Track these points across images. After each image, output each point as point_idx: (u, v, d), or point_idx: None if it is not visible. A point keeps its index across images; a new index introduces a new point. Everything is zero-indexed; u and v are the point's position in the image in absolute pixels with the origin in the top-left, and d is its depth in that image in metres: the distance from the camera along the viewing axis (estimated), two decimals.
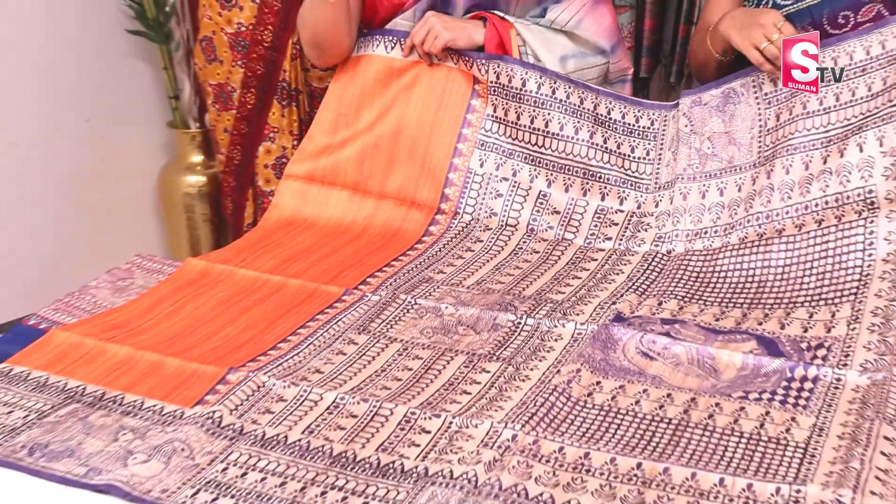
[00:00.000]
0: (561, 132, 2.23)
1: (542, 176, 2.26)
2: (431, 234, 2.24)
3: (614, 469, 1.45)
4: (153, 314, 1.89)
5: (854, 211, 1.93)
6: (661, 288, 1.99)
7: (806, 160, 2.01)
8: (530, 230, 2.22)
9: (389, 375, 1.72)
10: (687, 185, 2.16)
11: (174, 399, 1.63)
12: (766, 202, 2.03)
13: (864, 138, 1.95)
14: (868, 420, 1.52)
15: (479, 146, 2.29)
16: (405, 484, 1.43)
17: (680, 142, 2.18)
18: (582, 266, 2.10)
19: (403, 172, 2.32)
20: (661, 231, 2.15)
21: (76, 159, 2.94)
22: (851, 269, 1.88)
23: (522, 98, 2.23)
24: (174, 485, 1.43)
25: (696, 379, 1.68)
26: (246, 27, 2.77)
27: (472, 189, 2.28)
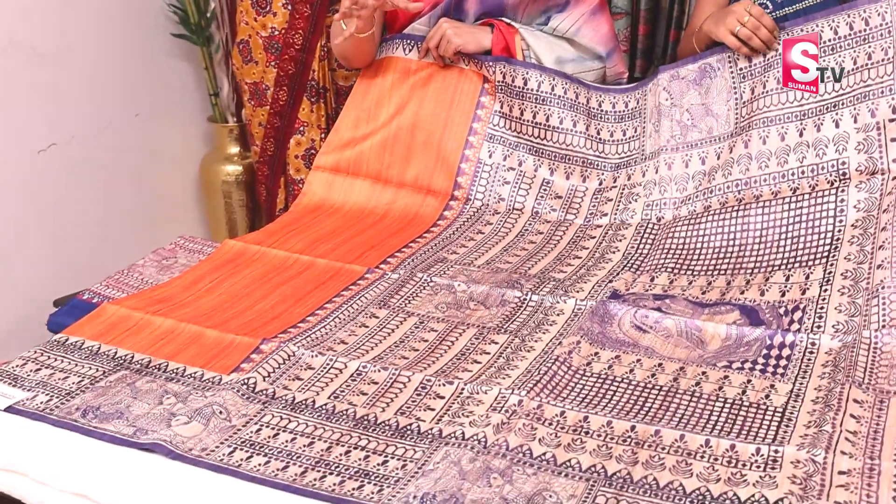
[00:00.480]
0: (560, 125, 2.22)
1: (545, 165, 2.24)
2: (446, 217, 2.23)
3: (610, 431, 1.44)
4: (194, 290, 1.89)
5: (827, 181, 1.91)
6: (652, 262, 1.97)
7: (782, 132, 1.99)
8: (535, 213, 2.21)
9: (407, 346, 1.71)
10: (671, 155, 2.14)
11: (213, 367, 1.62)
12: (744, 170, 2.01)
13: (840, 115, 1.93)
14: (839, 384, 1.51)
15: (488, 139, 2.28)
16: (421, 444, 1.43)
17: (661, 114, 2.16)
18: (581, 245, 2.09)
19: (420, 163, 2.30)
20: (650, 199, 2.13)
21: (125, 151, 2.93)
22: (823, 233, 1.87)
23: (525, 95, 2.22)
24: (213, 444, 1.43)
25: (685, 350, 1.67)
26: (279, 31, 2.76)
27: (482, 178, 2.27)
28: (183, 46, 3.06)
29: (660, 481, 1.33)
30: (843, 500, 1.26)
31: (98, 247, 2.82)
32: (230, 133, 3.10)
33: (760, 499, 1.27)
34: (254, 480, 1.36)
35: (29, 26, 2.56)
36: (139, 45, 2.95)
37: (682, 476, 1.34)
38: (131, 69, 2.92)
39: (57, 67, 2.65)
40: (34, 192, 2.64)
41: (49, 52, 2.62)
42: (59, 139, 2.70)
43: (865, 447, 1.36)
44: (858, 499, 1.26)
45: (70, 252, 2.74)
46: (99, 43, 2.79)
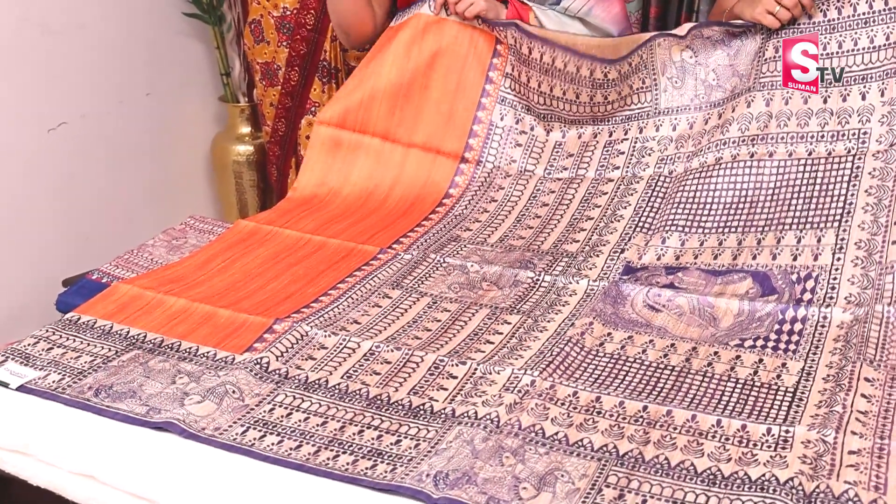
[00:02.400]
0: (564, 96, 2.21)
1: (557, 129, 2.25)
2: (457, 185, 2.23)
3: (623, 411, 1.46)
4: (207, 269, 1.90)
5: (845, 148, 1.91)
6: (663, 218, 1.97)
7: (805, 95, 1.98)
8: (546, 175, 2.21)
9: (420, 326, 1.72)
10: (694, 115, 2.12)
11: (226, 346, 1.64)
12: (762, 127, 1.99)
13: (867, 88, 1.93)
14: (850, 362, 1.52)
15: (500, 101, 2.28)
16: (434, 424, 1.44)
17: (686, 72, 2.13)
18: (594, 203, 2.09)
19: (431, 123, 2.29)
20: (664, 154, 2.12)
21: (136, 130, 2.95)
22: (836, 196, 1.86)
23: (530, 64, 2.22)
24: (226, 423, 1.44)
25: (698, 329, 1.68)
26: (291, 11, 2.76)
27: (494, 140, 2.26)
28: (195, 26, 3.07)
29: (671, 461, 1.34)
30: (852, 480, 1.27)
31: (108, 226, 2.84)
32: (241, 113, 3.12)
33: (771, 478, 1.29)
34: (267, 460, 1.38)
35: (42, 3, 2.57)
36: (151, 24, 2.96)
37: (693, 456, 1.35)
38: (143, 48, 2.94)
39: (68, 45, 2.67)
40: (44, 171, 2.66)
41: (60, 30, 2.63)
42: (69, 118, 2.71)
43: (876, 427, 1.37)
44: (868, 479, 1.27)
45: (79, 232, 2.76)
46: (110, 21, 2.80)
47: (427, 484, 1.29)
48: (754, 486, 1.28)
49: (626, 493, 1.29)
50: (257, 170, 3.12)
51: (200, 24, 3.05)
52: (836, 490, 1.26)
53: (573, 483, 1.30)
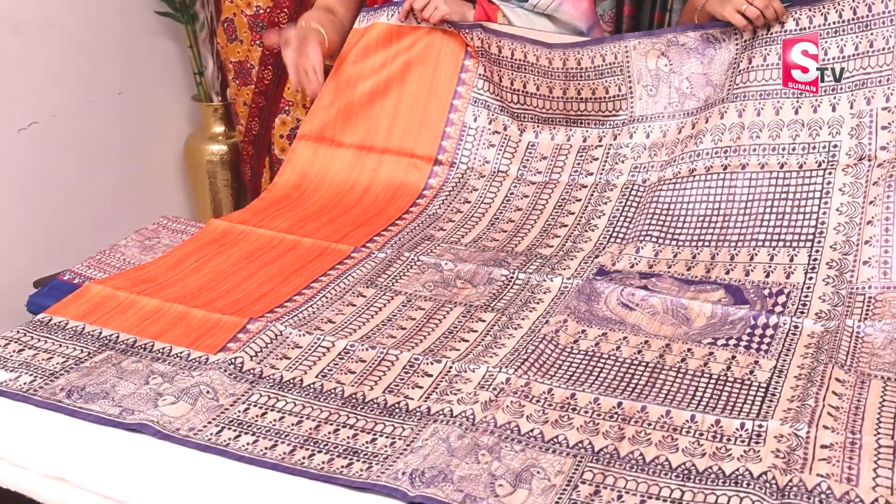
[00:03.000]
0: (538, 91, 2.21)
1: (530, 129, 2.24)
2: (431, 187, 2.23)
3: (597, 408, 1.46)
4: (180, 269, 1.89)
5: (816, 161, 1.93)
6: (637, 229, 1.99)
7: (777, 106, 2.00)
8: (520, 176, 2.21)
9: (395, 325, 1.72)
10: (667, 122, 2.14)
11: (199, 346, 1.63)
12: (735, 138, 2.01)
13: (837, 99, 1.94)
14: (822, 363, 1.54)
15: (473, 102, 2.28)
16: (410, 422, 1.44)
17: (660, 80, 2.15)
18: (567, 209, 2.10)
19: (404, 128, 2.29)
20: (638, 162, 2.13)
21: (108, 130, 2.93)
22: (808, 213, 1.89)
23: (501, 62, 2.22)
24: (200, 423, 1.44)
25: (671, 327, 1.69)
26: (264, 10, 2.76)
27: (467, 141, 2.26)
28: (167, 24, 3.06)
29: (646, 456, 1.35)
30: (825, 473, 1.28)
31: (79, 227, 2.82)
32: (215, 112, 3.11)
33: (745, 473, 1.29)
34: (242, 460, 1.37)
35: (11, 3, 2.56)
36: (123, 23, 2.94)
37: (667, 451, 1.36)
38: (114, 47, 2.92)
39: (38, 44, 2.65)
40: (15, 171, 2.64)
41: (31, 30, 2.62)
42: (40, 117, 2.69)
43: (847, 422, 1.39)
44: (840, 472, 1.29)
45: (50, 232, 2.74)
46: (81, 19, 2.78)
47: (403, 482, 1.29)
48: (728, 481, 1.29)
49: (602, 489, 1.29)
50: (231, 169, 3.11)
51: (173, 23, 3.04)
52: (808, 483, 1.27)
53: (549, 479, 1.31)
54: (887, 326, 1.63)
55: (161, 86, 3.13)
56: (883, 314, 1.67)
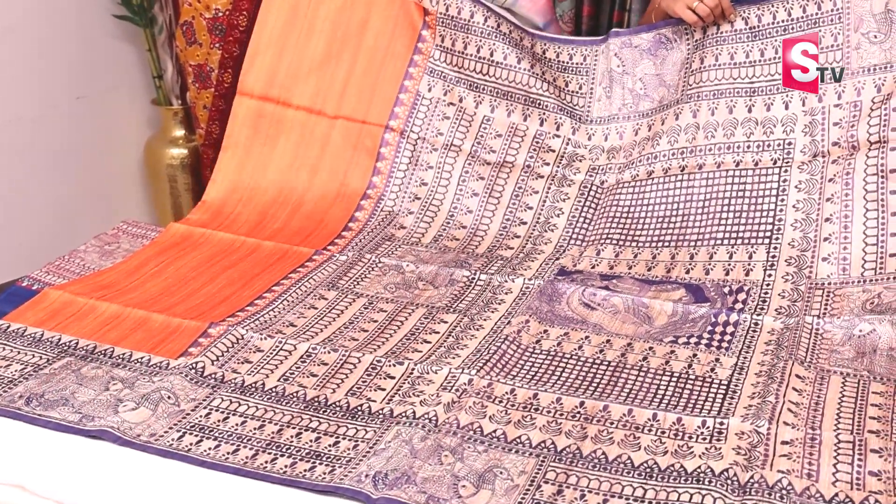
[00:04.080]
0: (505, 61, 2.19)
1: (486, 102, 2.21)
2: (384, 157, 2.19)
3: (560, 407, 1.47)
4: (139, 274, 1.87)
5: (771, 159, 1.94)
6: (597, 231, 1.99)
7: (730, 104, 2.01)
8: (474, 152, 2.18)
9: (357, 327, 1.71)
10: (623, 124, 2.15)
11: (160, 351, 1.62)
12: (690, 139, 2.03)
13: (790, 97, 1.96)
14: (782, 360, 1.55)
15: (429, 72, 2.25)
16: (372, 424, 1.44)
17: (613, 81, 2.16)
18: (525, 202, 2.09)
19: (357, 93, 2.25)
20: (595, 164, 2.13)
21: (68, 134, 2.90)
22: (765, 211, 1.90)
23: (470, 28, 2.19)
24: (161, 429, 1.42)
25: (632, 326, 1.70)
26: (223, 13, 2.74)
27: (420, 111, 2.23)
28: (125, 28, 3.02)
29: (608, 455, 1.35)
30: (785, 469, 1.29)
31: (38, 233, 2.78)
32: (175, 116, 3.07)
33: (706, 470, 1.30)
34: (204, 465, 1.36)
35: None
36: (80, 27, 2.91)
37: (630, 450, 1.36)
38: (72, 51, 2.89)
39: None
40: None
41: None
42: None
43: (807, 418, 1.40)
44: (801, 467, 1.30)
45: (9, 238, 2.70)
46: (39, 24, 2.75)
47: (366, 484, 1.29)
48: (690, 478, 1.30)
49: (565, 488, 1.29)
50: (192, 173, 3.08)
51: (131, 27, 3.00)
52: (769, 479, 1.28)
53: (512, 480, 1.31)
54: (846, 323, 1.64)
55: (120, 90, 3.09)
56: (841, 310, 1.69)
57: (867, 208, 1.82)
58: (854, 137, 1.87)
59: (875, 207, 1.81)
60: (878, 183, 1.83)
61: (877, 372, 1.52)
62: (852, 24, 1.90)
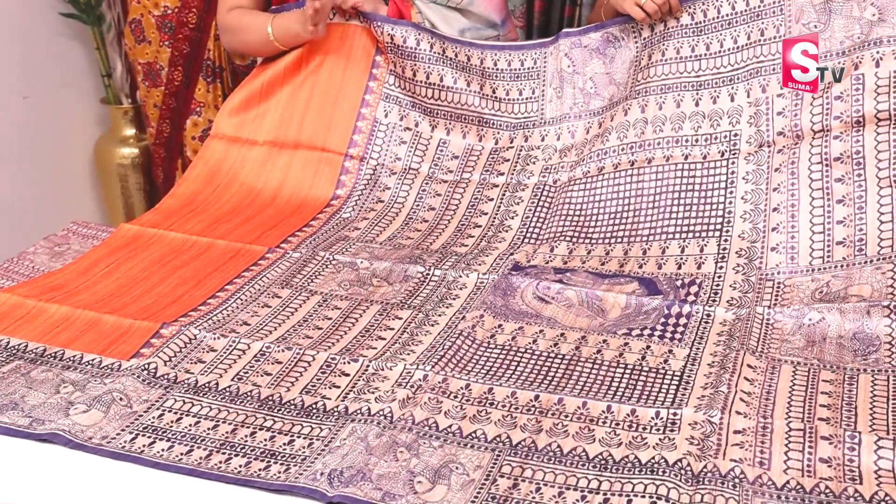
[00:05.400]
0: (455, 85, 2.21)
1: (441, 126, 2.24)
2: (343, 184, 2.20)
3: (515, 401, 1.47)
4: (90, 275, 1.85)
5: (718, 151, 1.97)
6: (550, 229, 2.00)
7: (678, 99, 2.03)
8: (431, 174, 2.20)
9: (311, 325, 1.71)
10: (574, 123, 2.16)
11: (111, 353, 1.60)
12: (639, 134, 2.04)
13: (735, 89, 1.98)
14: (734, 350, 1.57)
15: (384, 98, 2.26)
16: (327, 422, 1.43)
17: (564, 81, 2.18)
18: (480, 209, 2.10)
19: (316, 123, 2.26)
20: (549, 163, 2.15)
21: (16, 134, 2.86)
22: (715, 204, 1.92)
23: (417, 56, 2.21)
24: (113, 431, 1.41)
25: (586, 319, 1.71)
26: (172, 10, 2.72)
27: (378, 137, 2.25)
28: (73, 26, 2.99)
29: (563, 448, 1.36)
30: (738, 458, 1.30)
31: None
32: (125, 115, 3.06)
33: (660, 461, 1.31)
34: (157, 466, 1.35)
35: None
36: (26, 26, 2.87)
37: (584, 442, 1.37)
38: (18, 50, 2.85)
39: None
40: None
41: None
42: None
43: (759, 407, 1.41)
44: (753, 456, 1.31)
45: None
46: None
47: (321, 482, 1.28)
48: (644, 469, 1.31)
49: (520, 481, 1.30)
50: (143, 173, 3.06)
51: (79, 25, 2.98)
52: (722, 468, 1.29)
53: (468, 475, 1.31)
54: (796, 312, 1.66)
55: (68, 89, 3.06)
56: (791, 300, 1.71)
57: (813, 196, 1.84)
58: (798, 126, 1.90)
59: (820, 196, 1.84)
60: (822, 171, 1.85)
61: (826, 360, 1.55)
62: (793, 16, 1.93)
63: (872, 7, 1.85)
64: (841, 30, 1.89)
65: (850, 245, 1.78)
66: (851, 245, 1.77)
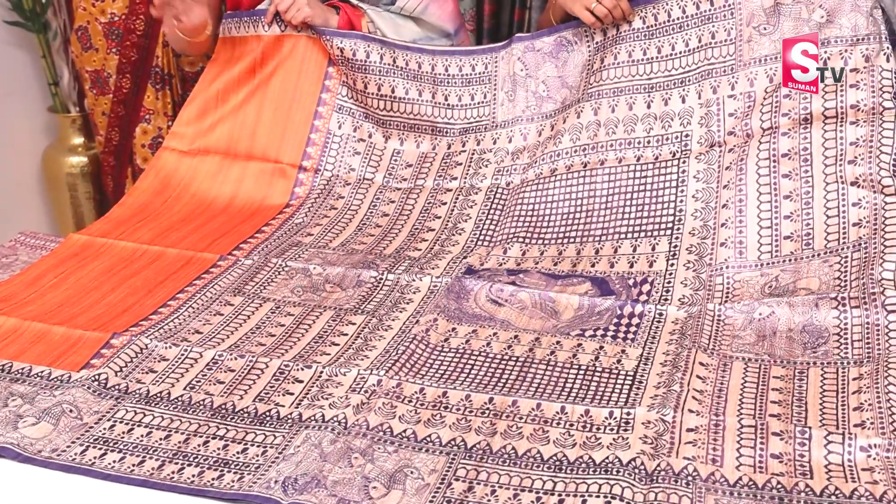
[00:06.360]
0: (406, 95, 2.22)
1: (395, 136, 2.24)
2: (297, 195, 2.21)
3: (469, 404, 1.47)
4: (38, 286, 1.83)
5: (670, 152, 1.98)
6: (504, 231, 2.01)
7: (630, 101, 2.05)
8: (385, 183, 2.21)
9: (264, 332, 1.70)
10: (526, 126, 2.17)
11: (61, 364, 1.58)
12: (592, 136, 2.06)
13: (686, 91, 2.01)
14: (686, 349, 1.58)
15: (338, 110, 2.27)
16: (281, 430, 1.43)
17: (517, 85, 2.19)
18: (434, 213, 2.10)
19: (269, 134, 2.27)
20: (501, 166, 2.16)
21: None
22: (667, 203, 1.94)
23: (368, 69, 2.21)
24: (63, 444, 1.39)
25: (540, 320, 1.71)
26: (119, 17, 2.69)
27: (332, 149, 2.25)
28: (18, 34, 2.95)
29: (518, 450, 1.36)
30: (691, 456, 1.32)
31: None
32: (73, 123, 3.02)
33: (614, 460, 1.32)
34: (109, 478, 1.33)
35: None
36: None
37: (539, 444, 1.37)
38: None
39: None
40: None
41: None
42: None
43: (711, 405, 1.43)
44: (705, 453, 1.32)
45: None
46: None
47: (276, 490, 1.28)
48: (599, 469, 1.31)
49: (476, 485, 1.30)
50: (92, 181, 3.03)
51: (24, 33, 2.93)
52: (675, 467, 1.30)
53: (423, 479, 1.31)
54: (746, 307, 1.68)
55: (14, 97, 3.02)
56: (742, 295, 1.73)
57: (760, 192, 1.87)
58: (748, 126, 1.92)
59: (768, 192, 1.86)
60: (770, 167, 1.88)
61: (777, 355, 1.56)
62: (744, 19, 1.95)
63: (821, 9, 1.88)
64: (790, 31, 1.91)
65: (797, 239, 1.80)
66: (799, 239, 1.80)
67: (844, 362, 1.52)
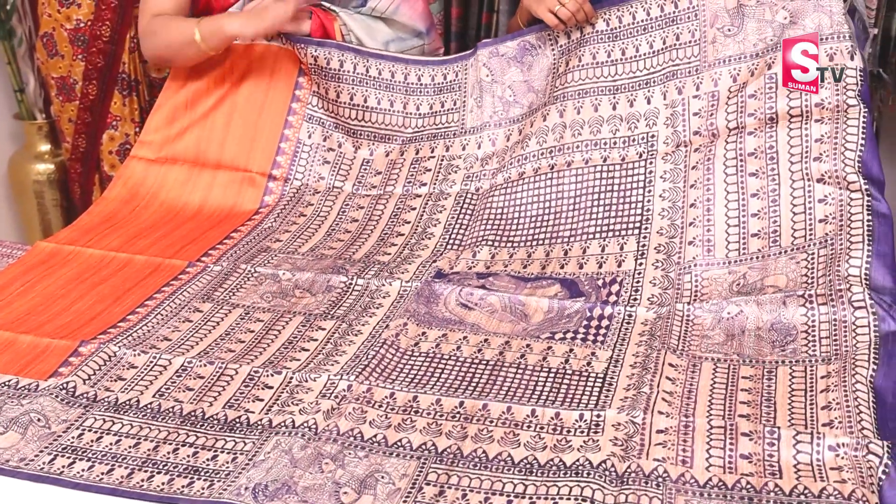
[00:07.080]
0: (378, 106, 2.22)
1: (365, 146, 2.24)
2: (266, 204, 2.20)
3: (440, 408, 1.47)
4: (4, 294, 1.81)
5: (636, 153, 1.99)
6: (473, 235, 2.01)
7: (595, 103, 2.06)
8: (354, 191, 2.20)
9: (233, 338, 1.69)
10: (494, 131, 2.18)
11: (28, 373, 1.56)
12: (558, 138, 2.06)
13: (651, 92, 2.02)
14: (655, 350, 1.59)
15: (308, 119, 2.26)
16: (251, 436, 1.42)
17: (483, 91, 2.20)
18: (403, 218, 2.10)
19: (238, 143, 2.26)
20: (470, 171, 2.16)
21: None
22: (634, 203, 1.95)
23: (341, 78, 2.21)
24: (31, 453, 1.38)
25: (510, 324, 1.72)
26: (85, 23, 2.68)
27: (302, 158, 2.24)
28: None
29: (489, 453, 1.36)
30: (661, 457, 1.32)
31: None
32: (39, 130, 2.99)
33: (585, 463, 1.32)
34: (78, 487, 1.32)
35: None
36: None
37: (510, 447, 1.37)
38: None
39: None
40: None
41: None
42: None
43: (681, 406, 1.44)
44: (675, 455, 1.33)
45: None
46: None
47: (246, 497, 1.27)
48: (569, 472, 1.32)
49: (447, 489, 1.30)
50: (60, 189, 3.00)
51: None
52: (646, 468, 1.31)
53: (394, 483, 1.31)
54: (714, 307, 1.69)
55: None
56: (710, 294, 1.74)
57: (728, 191, 1.88)
58: (714, 125, 1.93)
59: (735, 190, 1.88)
60: (737, 166, 1.89)
61: (746, 354, 1.57)
62: (708, 20, 1.97)
63: (784, 11, 1.90)
64: (754, 33, 1.93)
65: (764, 237, 1.81)
66: (766, 237, 1.81)
67: (813, 360, 1.54)
